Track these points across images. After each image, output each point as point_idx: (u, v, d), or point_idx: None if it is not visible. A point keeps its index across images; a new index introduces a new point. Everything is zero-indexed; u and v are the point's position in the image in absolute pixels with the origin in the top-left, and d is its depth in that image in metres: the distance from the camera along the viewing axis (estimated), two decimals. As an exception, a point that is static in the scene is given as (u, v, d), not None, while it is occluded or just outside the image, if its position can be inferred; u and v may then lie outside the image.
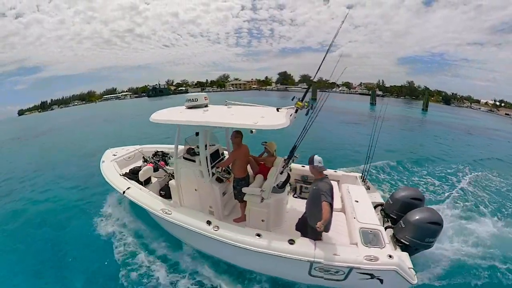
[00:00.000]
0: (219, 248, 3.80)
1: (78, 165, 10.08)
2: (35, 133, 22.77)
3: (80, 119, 30.66)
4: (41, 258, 4.77)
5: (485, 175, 8.69)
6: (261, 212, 3.81)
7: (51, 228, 5.65)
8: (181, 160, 4.18)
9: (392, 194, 4.24)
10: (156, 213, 4.17)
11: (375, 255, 3.12)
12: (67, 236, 5.32)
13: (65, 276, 4.30)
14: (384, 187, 7.20)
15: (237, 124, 3.44)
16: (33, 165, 11.09)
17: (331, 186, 3.15)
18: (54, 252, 4.90)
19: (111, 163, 5.86)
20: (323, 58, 3.44)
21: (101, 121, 26.13)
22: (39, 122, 33.62)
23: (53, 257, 4.75)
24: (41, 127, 27.05)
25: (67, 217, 6.02)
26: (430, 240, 3.44)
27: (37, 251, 4.98)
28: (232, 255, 3.93)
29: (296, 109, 3.38)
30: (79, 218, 5.92)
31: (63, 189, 7.84)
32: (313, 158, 3.21)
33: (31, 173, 9.78)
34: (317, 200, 3.08)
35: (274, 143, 4.18)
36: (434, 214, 3.51)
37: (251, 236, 3.48)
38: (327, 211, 2.95)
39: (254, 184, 3.90)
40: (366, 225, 3.63)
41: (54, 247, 5.02)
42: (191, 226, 3.81)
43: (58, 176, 9.05)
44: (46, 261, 4.68)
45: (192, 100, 4.11)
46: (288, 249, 3.26)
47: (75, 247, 4.94)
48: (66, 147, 14.18)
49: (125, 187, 4.78)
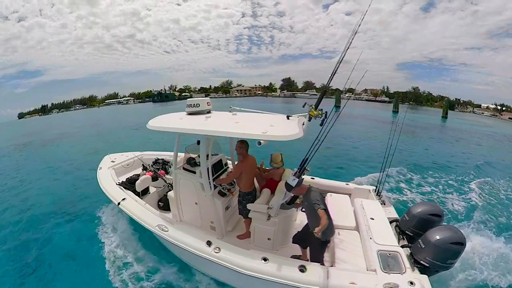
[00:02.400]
0: (221, 271, 3.48)
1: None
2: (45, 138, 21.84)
3: (92, 124, 30.18)
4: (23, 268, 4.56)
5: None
6: (268, 230, 3.54)
7: (37, 235, 5.50)
8: (180, 170, 3.90)
9: (408, 210, 3.92)
10: (152, 230, 3.89)
11: (396, 282, 2.81)
12: (54, 246, 5.15)
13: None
14: (400, 200, 6.82)
15: (243, 134, 3.06)
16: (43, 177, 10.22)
17: (319, 193, 3.16)
18: (38, 263, 4.70)
19: (108, 170, 5.63)
20: (338, 63, 3.15)
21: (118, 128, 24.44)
22: (44, 126, 33.51)
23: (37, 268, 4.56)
24: (49, 131, 26.60)
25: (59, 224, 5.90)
26: (451, 261, 3.14)
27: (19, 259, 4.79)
28: (236, 279, 3.58)
29: (310, 117, 3.06)
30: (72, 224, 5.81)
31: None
32: (288, 184, 3.03)
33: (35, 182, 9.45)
34: (314, 212, 3.00)
35: (279, 154, 3.83)
36: (456, 233, 3.19)
37: (257, 260, 3.14)
38: (324, 218, 2.90)
39: (260, 200, 3.62)
40: (384, 247, 3.29)
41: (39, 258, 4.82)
42: (189, 246, 3.51)
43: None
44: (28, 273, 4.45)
45: (194, 105, 3.83)
46: (299, 277, 2.93)
47: (61, 259, 4.75)
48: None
49: (120, 198, 4.53)
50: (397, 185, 7.93)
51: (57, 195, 7.80)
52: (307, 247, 3.43)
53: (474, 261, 4.21)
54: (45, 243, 5.28)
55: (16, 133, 28.69)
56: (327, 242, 3.22)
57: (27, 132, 28.57)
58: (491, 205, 6.88)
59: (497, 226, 5.69)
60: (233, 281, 3.66)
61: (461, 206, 6.73)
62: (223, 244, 3.44)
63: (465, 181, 8.66)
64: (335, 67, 3.17)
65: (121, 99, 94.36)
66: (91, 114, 48.97)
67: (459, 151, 14.70)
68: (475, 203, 6.87)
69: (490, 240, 4.92)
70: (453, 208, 6.67)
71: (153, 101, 75.76)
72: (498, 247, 4.65)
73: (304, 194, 3.21)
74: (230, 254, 3.28)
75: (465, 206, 6.74)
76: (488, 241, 4.86)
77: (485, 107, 74.09)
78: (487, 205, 6.78)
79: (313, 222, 3.11)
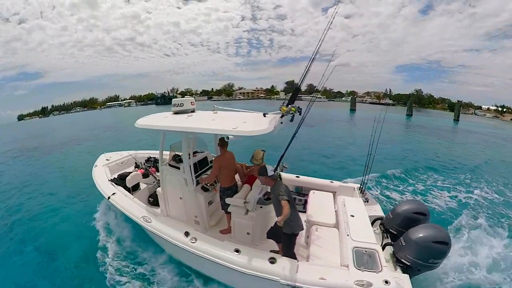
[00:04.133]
0: (197, 261, 3.68)
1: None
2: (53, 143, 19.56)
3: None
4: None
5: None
6: (246, 224, 3.71)
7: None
8: (166, 167, 4.15)
9: (393, 208, 3.95)
10: (137, 221, 4.14)
11: (369, 280, 2.75)
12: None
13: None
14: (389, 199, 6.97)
15: (214, 129, 3.31)
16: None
17: (285, 186, 3.27)
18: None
19: (102, 167, 5.92)
20: (310, 61, 3.36)
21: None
22: (48, 129, 32.72)
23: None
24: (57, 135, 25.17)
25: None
26: (434, 261, 3.09)
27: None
28: (212, 270, 3.78)
29: (282, 114, 3.23)
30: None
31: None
32: (266, 169, 3.24)
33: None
34: (279, 203, 3.09)
35: (260, 151, 4.02)
36: (440, 232, 3.16)
37: (229, 251, 3.31)
38: (286, 207, 2.96)
39: (239, 195, 3.82)
40: (360, 244, 3.26)
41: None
42: (167, 236, 3.74)
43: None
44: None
45: (178, 105, 4.07)
46: (267, 269, 3.02)
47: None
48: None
49: (111, 193, 4.79)
50: (390, 186, 8.14)
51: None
52: (279, 242, 3.53)
53: (463, 263, 4.19)
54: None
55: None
56: (294, 235, 3.28)
57: (38, 134, 27.88)
58: (485, 206, 6.94)
59: (491, 226, 5.61)
60: (208, 271, 3.85)
61: (452, 206, 6.83)
62: (200, 236, 3.64)
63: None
64: (307, 65, 3.35)
65: (122, 101, 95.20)
66: (98, 116, 49.02)
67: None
68: (468, 203, 6.99)
69: (482, 240, 4.91)
70: (444, 207, 6.76)
71: (156, 104, 75.18)
72: (491, 246, 4.67)
73: (271, 187, 3.33)
74: (204, 244, 3.46)
75: (455, 206, 6.85)
76: (482, 240, 4.88)
77: (485, 108, 74.27)
78: (479, 206, 6.83)
79: (279, 214, 3.20)
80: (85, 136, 21.89)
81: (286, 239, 3.28)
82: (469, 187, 8.21)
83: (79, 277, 4.31)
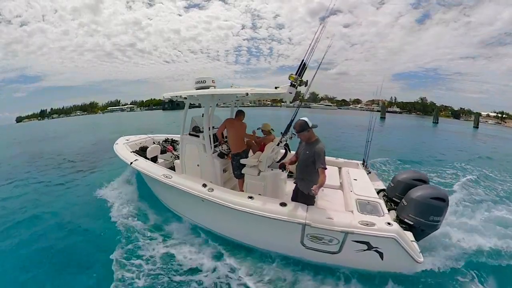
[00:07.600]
0: (211, 218, 4.20)
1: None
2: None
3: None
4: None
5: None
6: (258, 185, 4.02)
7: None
8: (186, 136, 4.69)
9: (394, 177, 4.24)
10: (158, 178, 4.56)
11: (372, 221, 3.14)
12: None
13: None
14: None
15: (236, 90, 3.87)
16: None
17: (324, 149, 3.28)
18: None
19: (123, 145, 6.49)
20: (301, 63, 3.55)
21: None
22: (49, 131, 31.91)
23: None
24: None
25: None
26: (435, 219, 3.32)
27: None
28: (224, 227, 4.22)
29: (291, 83, 3.39)
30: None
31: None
32: (306, 122, 3.30)
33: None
34: (311, 165, 3.27)
35: (268, 124, 4.78)
36: (438, 190, 3.46)
37: (244, 198, 3.76)
38: (324, 177, 3.12)
39: (252, 157, 4.30)
40: (363, 197, 3.72)
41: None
42: (188, 188, 4.16)
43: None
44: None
45: (201, 81, 4.58)
46: (279, 210, 3.41)
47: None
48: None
49: (133, 159, 5.33)
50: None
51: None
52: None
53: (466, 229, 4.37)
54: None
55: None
56: (312, 196, 3.45)
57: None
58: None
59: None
60: (223, 229, 4.27)
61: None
62: (215, 187, 4.14)
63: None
64: (299, 66, 3.53)
65: (123, 106, 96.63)
66: (109, 119, 49.18)
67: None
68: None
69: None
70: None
71: (163, 109, 74.99)
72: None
73: (311, 142, 3.40)
74: (221, 193, 3.94)
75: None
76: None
77: (485, 115, 75.71)
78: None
79: (305, 175, 3.40)
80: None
81: (304, 199, 3.53)
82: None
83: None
